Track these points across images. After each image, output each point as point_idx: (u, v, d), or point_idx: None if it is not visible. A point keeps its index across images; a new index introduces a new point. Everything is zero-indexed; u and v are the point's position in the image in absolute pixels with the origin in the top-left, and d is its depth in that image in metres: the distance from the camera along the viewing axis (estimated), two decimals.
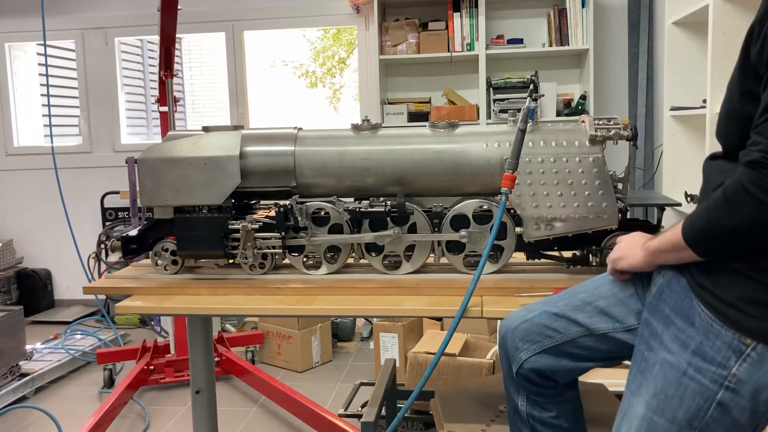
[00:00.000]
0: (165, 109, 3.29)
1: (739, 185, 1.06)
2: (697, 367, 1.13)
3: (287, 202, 1.77)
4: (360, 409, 2.63)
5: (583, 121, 1.71)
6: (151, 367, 3.34)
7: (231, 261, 1.88)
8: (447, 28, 4.12)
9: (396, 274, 1.78)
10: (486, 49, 4.09)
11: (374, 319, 3.69)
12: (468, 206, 1.74)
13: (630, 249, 1.31)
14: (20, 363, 3.41)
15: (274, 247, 1.79)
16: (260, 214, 1.83)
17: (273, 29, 4.90)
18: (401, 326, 3.33)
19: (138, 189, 1.96)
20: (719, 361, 1.11)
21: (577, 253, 1.76)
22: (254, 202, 1.98)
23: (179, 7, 3.12)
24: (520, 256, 1.79)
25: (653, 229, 1.71)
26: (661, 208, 1.83)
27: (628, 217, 1.73)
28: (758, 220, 1.05)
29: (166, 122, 3.31)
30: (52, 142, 3.48)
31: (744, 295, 1.11)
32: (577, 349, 1.38)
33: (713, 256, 1.14)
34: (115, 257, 1.90)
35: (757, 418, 1.13)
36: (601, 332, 1.36)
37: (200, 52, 8.57)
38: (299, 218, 1.75)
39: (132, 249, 1.88)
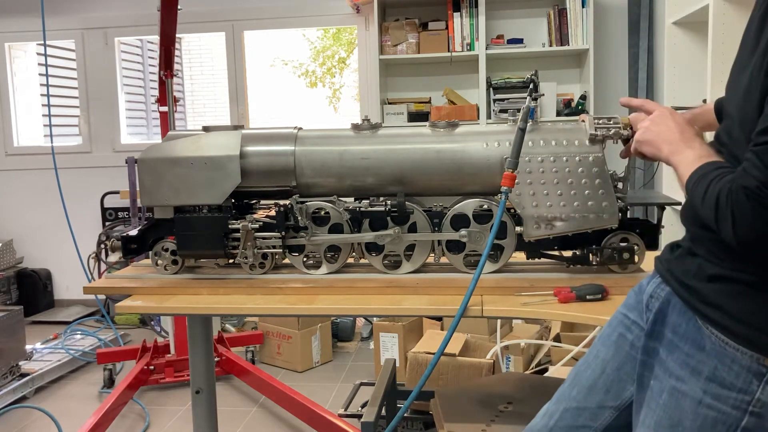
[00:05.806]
0: (165, 109, 3.30)
1: (729, 205, 0.97)
2: (715, 395, 1.05)
3: (287, 202, 1.77)
4: (360, 409, 2.63)
5: (583, 121, 1.71)
6: (151, 367, 3.34)
7: (231, 261, 1.88)
8: (447, 28, 4.12)
9: (396, 273, 1.78)
10: (486, 49, 4.09)
11: (374, 319, 3.69)
12: (468, 206, 1.74)
13: (658, 137, 1.26)
14: (20, 363, 3.42)
15: (274, 247, 1.78)
16: (260, 214, 1.82)
17: (273, 29, 4.91)
18: (401, 326, 3.33)
19: (138, 189, 1.96)
20: (740, 386, 1.03)
21: (577, 253, 1.76)
22: (254, 201, 1.98)
23: (179, 7, 3.12)
24: (520, 256, 1.79)
25: (653, 228, 1.71)
26: (661, 208, 1.83)
27: (629, 216, 1.73)
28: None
29: (166, 122, 3.32)
30: (52, 142, 3.48)
31: (756, 310, 1.02)
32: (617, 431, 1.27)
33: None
34: (115, 257, 1.90)
35: None
36: (627, 400, 1.25)
37: (200, 52, 8.58)
38: (299, 218, 1.75)
39: (132, 249, 1.88)
